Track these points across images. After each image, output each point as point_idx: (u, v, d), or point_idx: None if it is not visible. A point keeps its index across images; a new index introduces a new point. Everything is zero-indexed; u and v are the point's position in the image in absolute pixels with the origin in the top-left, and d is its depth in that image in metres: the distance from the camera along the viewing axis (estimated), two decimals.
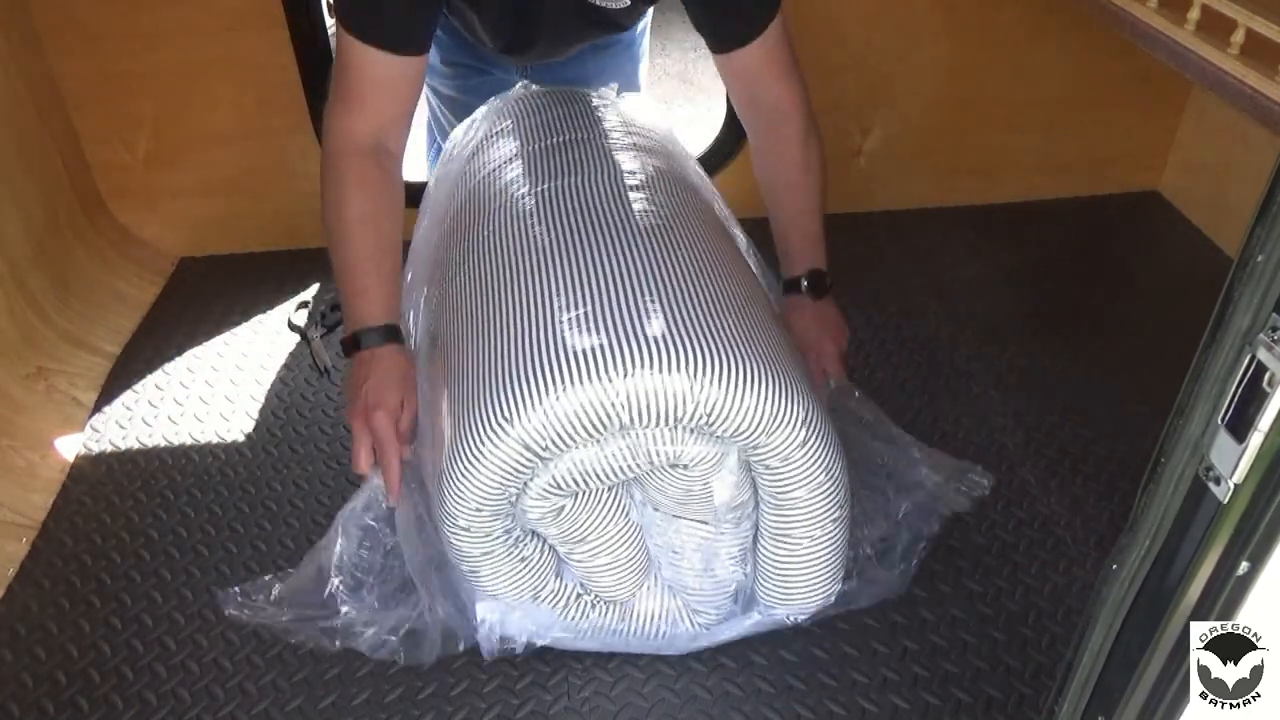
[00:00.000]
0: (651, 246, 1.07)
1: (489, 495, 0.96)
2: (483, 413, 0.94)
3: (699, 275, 1.05)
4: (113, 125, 1.78)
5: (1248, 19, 1.06)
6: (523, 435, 0.92)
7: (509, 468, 0.94)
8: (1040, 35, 1.85)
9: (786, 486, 1.01)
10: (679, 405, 0.93)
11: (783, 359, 1.00)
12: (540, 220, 1.12)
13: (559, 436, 0.93)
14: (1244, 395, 0.56)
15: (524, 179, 1.20)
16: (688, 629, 1.13)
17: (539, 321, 0.99)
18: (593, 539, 1.04)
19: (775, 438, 0.97)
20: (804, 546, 1.06)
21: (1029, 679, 1.13)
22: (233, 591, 1.17)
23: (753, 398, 0.94)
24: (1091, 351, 1.64)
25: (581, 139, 1.26)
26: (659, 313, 0.98)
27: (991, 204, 2.01)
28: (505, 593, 1.06)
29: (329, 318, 1.72)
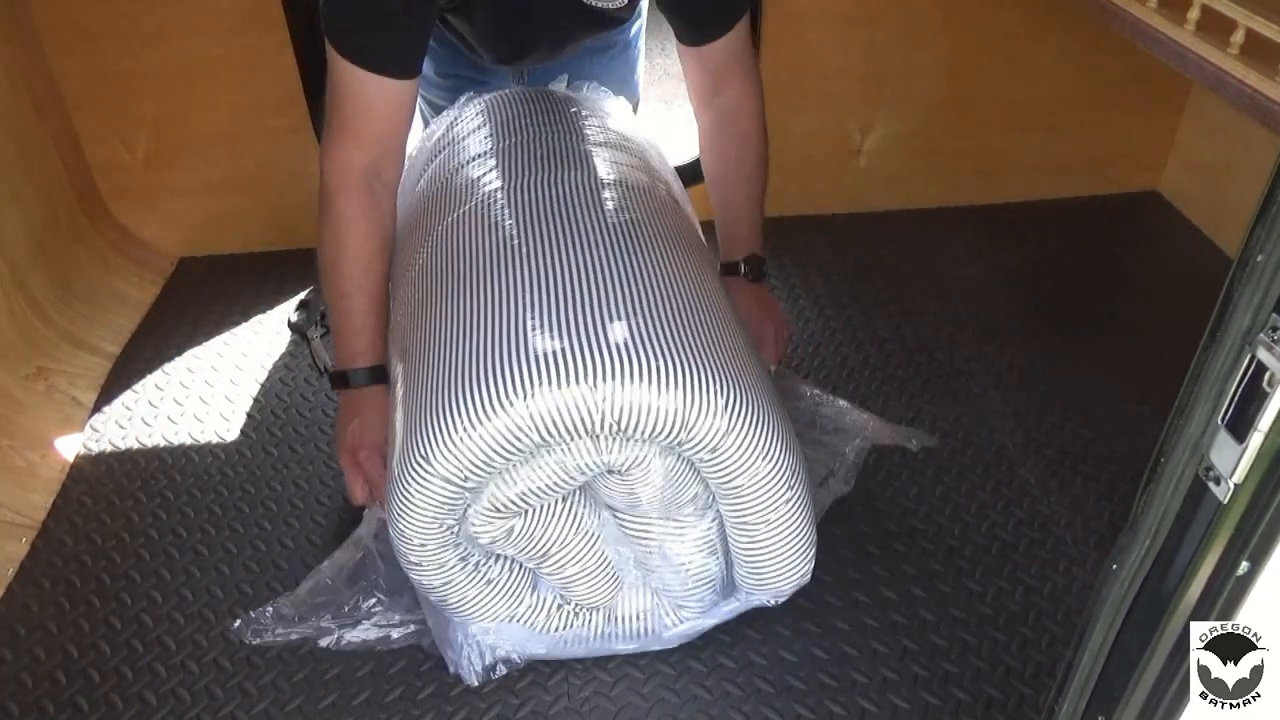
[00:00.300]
0: (557, 256, 1.05)
1: (428, 530, 0.97)
2: (408, 452, 0.95)
3: (613, 275, 1.02)
4: (113, 125, 1.78)
5: (1248, 19, 1.06)
6: (442, 470, 0.92)
7: (436, 502, 0.95)
8: (1040, 35, 1.85)
9: (726, 476, 0.98)
10: (585, 417, 0.92)
11: (705, 345, 0.97)
12: (465, 246, 1.11)
13: (474, 467, 0.93)
14: (1244, 395, 0.56)
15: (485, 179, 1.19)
16: (673, 623, 1.13)
17: (452, 352, 0.98)
18: (554, 553, 1.04)
19: (696, 432, 0.94)
20: (762, 531, 1.03)
21: (1029, 679, 1.13)
22: (251, 617, 1.18)
23: (662, 396, 0.92)
24: (1091, 351, 1.64)
25: (552, 137, 1.25)
26: (555, 326, 0.96)
27: (991, 204, 2.01)
28: (479, 616, 1.06)
29: (329, 318, 1.71)
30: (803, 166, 1.96)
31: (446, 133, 1.36)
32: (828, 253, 1.89)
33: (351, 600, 1.18)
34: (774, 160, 1.92)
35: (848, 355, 1.62)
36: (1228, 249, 1.84)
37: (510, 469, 0.95)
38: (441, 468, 0.92)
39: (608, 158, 1.24)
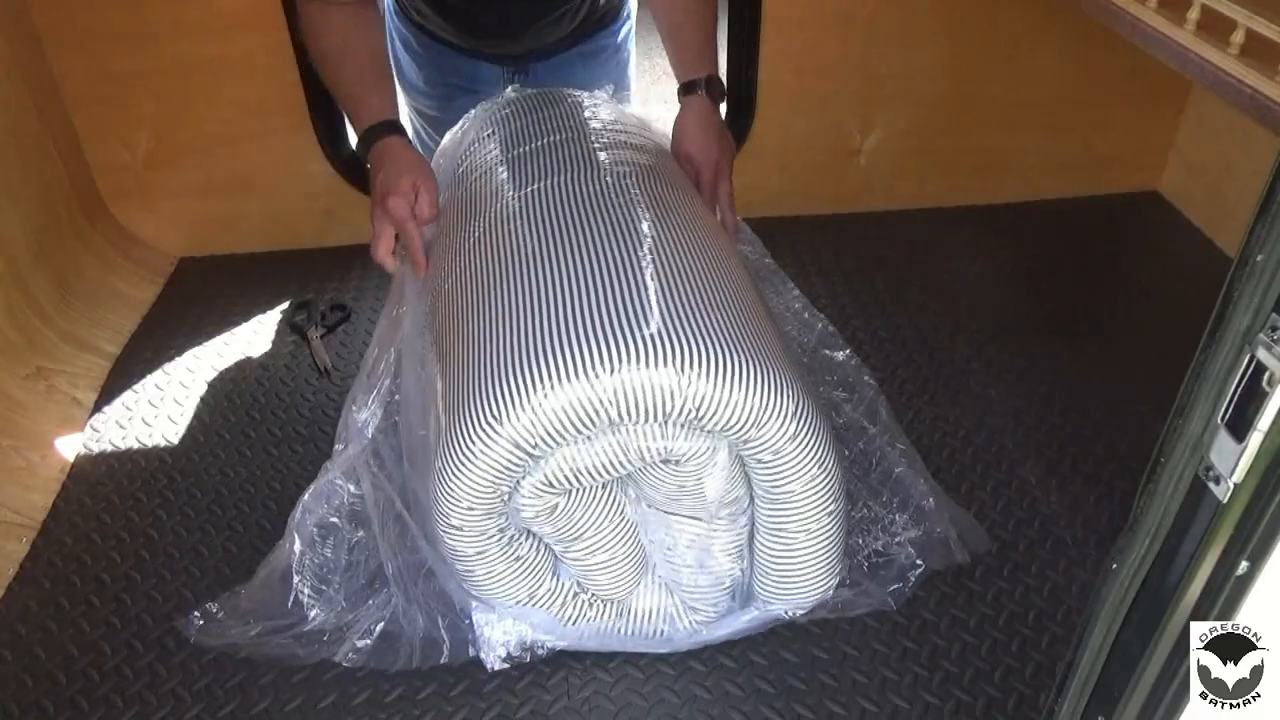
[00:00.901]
0: (636, 243, 1.07)
1: (481, 494, 0.96)
2: (473, 412, 0.94)
3: (687, 270, 1.04)
4: (113, 125, 1.78)
5: (1248, 19, 1.06)
6: (512, 434, 0.92)
7: (500, 466, 0.94)
8: (1040, 35, 1.85)
9: (780, 480, 1.00)
10: (667, 400, 0.93)
11: (772, 352, 1.00)
12: (527, 221, 1.12)
13: (548, 434, 0.93)
14: (1244, 395, 0.56)
15: (510, 181, 1.20)
16: (685, 627, 1.13)
17: (526, 322, 0.99)
18: (588, 536, 1.04)
19: (765, 431, 0.96)
20: (800, 541, 1.05)
21: (1029, 679, 1.13)
22: (193, 616, 1.17)
23: (741, 391, 0.94)
24: (1091, 351, 1.64)
25: (566, 139, 1.26)
26: (646, 308, 0.98)
27: (991, 204, 2.02)
28: (500, 593, 1.06)
29: (329, 318, 1.72)
30: (803, 166, 1.97)
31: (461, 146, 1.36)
32: (828, 253, 1.89)
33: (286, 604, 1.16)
34: (774, 160, 1.94)
35: None
36: (1228, 249, 1.84)
37: (575, 443, 0.95)
38: (513, 430, 0.92)
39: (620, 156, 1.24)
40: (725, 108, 1.90)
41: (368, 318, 1.73)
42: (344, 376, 1.59)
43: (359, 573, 1.18)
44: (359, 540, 1.19)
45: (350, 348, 1.67)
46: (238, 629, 1.15)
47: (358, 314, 1.74)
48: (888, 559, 1.22)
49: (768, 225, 1.56)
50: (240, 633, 1.15)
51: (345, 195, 1.88)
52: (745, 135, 1.90)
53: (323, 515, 1.19)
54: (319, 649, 1.14)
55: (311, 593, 1.16)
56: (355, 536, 1.20)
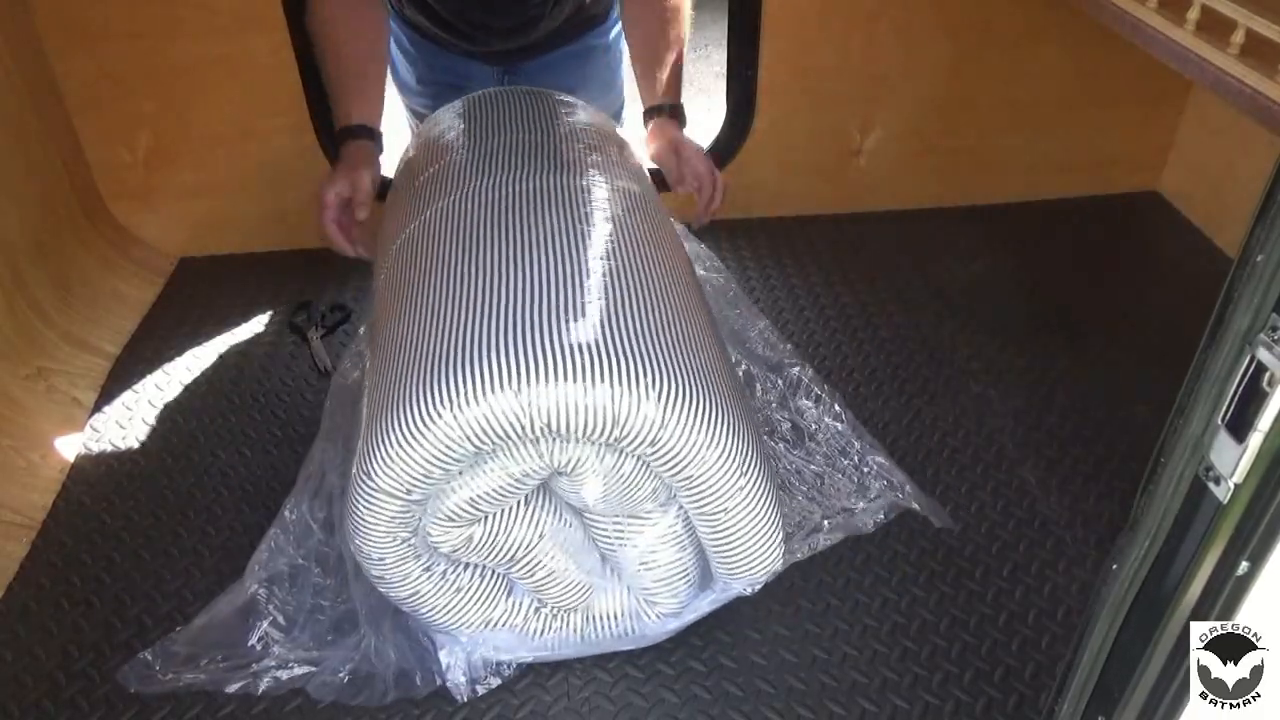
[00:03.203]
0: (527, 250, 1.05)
1: (384, 544, 0.98)
2: (357, 467, 0.95)
3: (563, 278, 1.01)
4: (113, 125, 1.78)
5: (1248, 19, 1.06)
6: (384, 486, 0.93)
7: (387, 516, 0.95)
8: (1040, 35, 1.85)
9: (673, 468, 0.96)
10: (514, 423, 0.91)
11: (638, 342, 0.95)
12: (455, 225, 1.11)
13: (415, 480, 0.93)
14: (1244, 395, 0.56)
15: (456, 178, 1.19)
16: (653, 620, 1.12)
17: (406, 355, 0.98)
18: (520, 557, 1.03)
19: (629, 427, 0.92)
20: (723, 520, 1.01)
21: (1029, 679, 1.13)
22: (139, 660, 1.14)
23: (589, 393, 0.90)
24: (1091, 351, 1.64)
25: (532, 139, 1.25)
26: (487, 338, 0.95)
27: (991, 204, 2.02)
28: (454, 624, 1.06)
29: (329, 318, 1.72)
30: (803, 166, 1.96)
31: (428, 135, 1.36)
32: (828, 253, 1.89)
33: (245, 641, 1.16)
34: (774, 160, 1.94)
35: (848, 355, 1.62)
36: (1228, 249, 1.84)
37: (455, 477, 0.95)
38: (383, 482, 0.93)
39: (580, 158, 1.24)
40: (725, 108, 1.91)
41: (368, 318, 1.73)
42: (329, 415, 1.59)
43: (325, 615, 1.17)
44: (327, 586, 1.19)
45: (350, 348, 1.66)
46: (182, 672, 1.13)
47: (358, 314, 1.74)
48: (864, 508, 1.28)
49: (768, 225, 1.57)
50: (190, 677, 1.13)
51: None
52: (745, 135, 1.90)
53: (291, 557, 1.20)
54: (284, 683, 1.12)
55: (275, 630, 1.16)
56: (323, 582, 1.20)
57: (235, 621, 1.17)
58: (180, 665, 1.14)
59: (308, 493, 1.23)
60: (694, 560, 1.10)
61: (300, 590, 1.18)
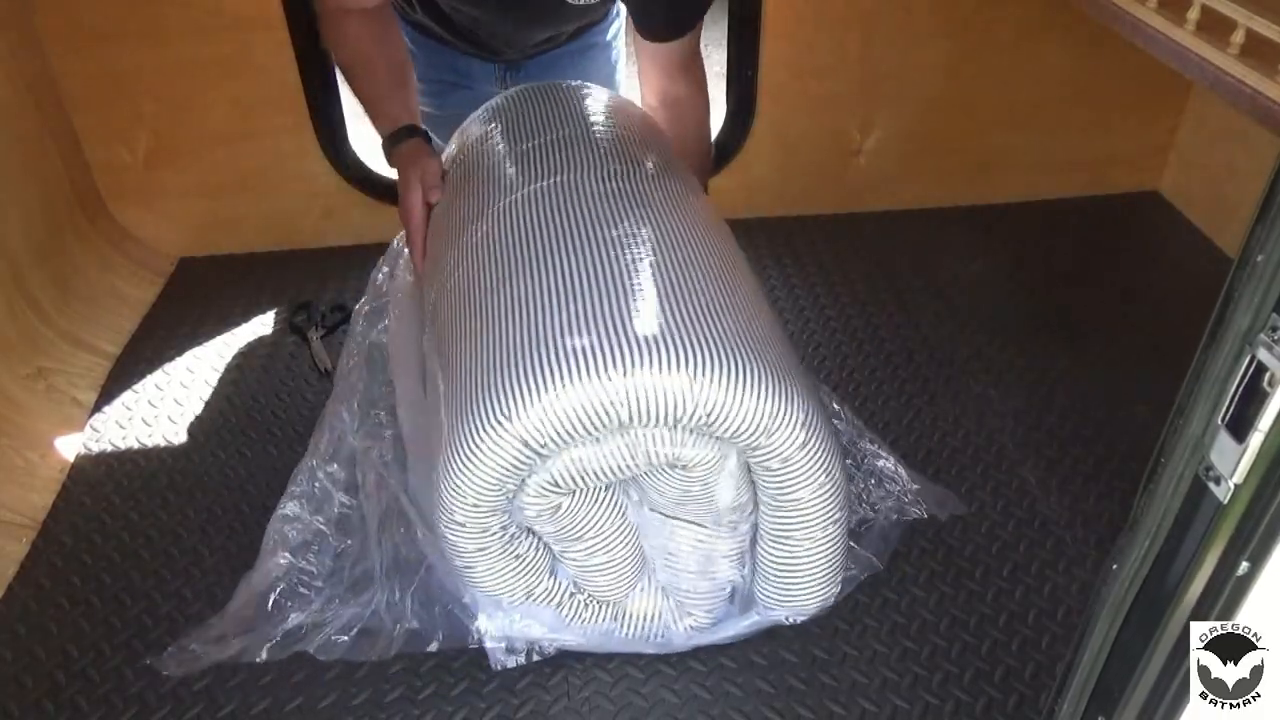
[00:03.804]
0: (646, 243, 1.07)
1: (486, 491, 0.96)
2: (482, 409, 0.94)
3: (696, 272, 1.04)
4: (113, 125, 1.78)
5: (1248, 19, 1.06)
6: (521, 431, 0.92)
7: (507, 464, 0.94)
8: (1040, 35, 1.85)
9: (787, 488, 1.00)
10: (678, 405, 0.93)
11: (782, 359, 1.00)
12: (534, 219, 1.12)
13: (557, 434, 0.93)
14: (1244, 395, 0.56)
15: (515, 179, 1.20)
16: (682, 631, 1.13)
17: (536, 320, 0.99)
18: (589, 537, 1.04)
19: (775, 439, 0.96)
20: (804, 548, 1.05)
21: (1029, 679, 1.13)
22: (170, 651, 1.16)
23: (753, 399, 0.93)
24: (1091, 351, 1.64)
25: (571, 135, 1.26)
26: (657, 311, 0.98)
27: (991, 204, 2.02)
28: (498, 590, 1.06)
29: (329, 318, 1.72)
30: (803, 166, 1.96)
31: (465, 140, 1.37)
32: (828, 253, 1.89)
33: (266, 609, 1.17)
34: (774, 160, 1.94)
35: (848, 355, 1.62)
36: (1228, 249, 1.84)
37: (584, 444, 0.95)
38: (523, 428, 0.92)
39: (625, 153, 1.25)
40: (725, 108, 1.91)
41: None
42: (342, 376, 1.59)
43: (342, 579, 1.18)
44: (345, 548, 1.20)
45: None
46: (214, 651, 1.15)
47: None
48: (868, 525, 1.26)
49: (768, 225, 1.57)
50: (217, 652, 1.15)
51: (345, 195, 1.88)
52: (745, 135, 1.90)
53: (309, 521, 1.20)
54: (293, 645, 1.14)
55: (291, 597, 1.17)
56: (342, 545, 1.21)
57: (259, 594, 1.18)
58: (213, 644, 1.15)
59: (324, 457, 1.24)
60: (743, 580, 1.12)
61: (320, 555, 1.19)
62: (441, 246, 1.22)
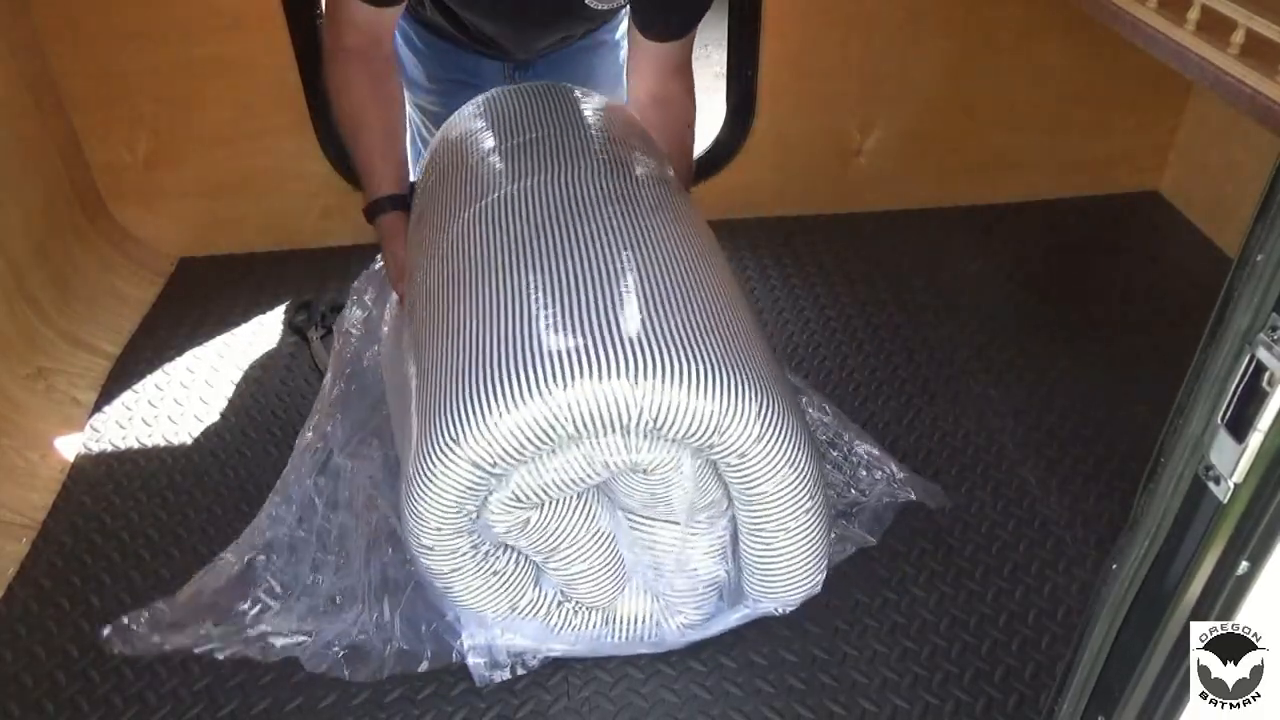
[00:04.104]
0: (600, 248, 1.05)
1: (446, 514, 0.96)
2: (435, 432, 0.94)
3: (654, 273, 1.02)
4: (113, 125, 1.78)
5: (1248, 19, 1.06)
6: (470, 454, 0.92)
7: (461, 486, 0.94)
8: (1040, 35, 1.85)
9: (751, 482, 0.99)
10: (623, 412, 0.92)
11: (740, 354, 0.97)
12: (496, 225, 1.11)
13: (505, 453, 0.92)
14: (1244, 395, 0.56)
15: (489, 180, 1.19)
16: (673, 629, 1.13)
17: (486, 335, 0.97)
18: (564, 548, 1.04)
19: (728, 436, 0.94)
20: (780, 540, 1.03)
21: (1029, 679, 1.13)
22: (120, 623, 1.16)
23: (699, 398, 0.92)
24: (1091, 351, 1.64)
25: (556, 134, 1.25)
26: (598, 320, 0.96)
27: (991, 204, 2.01)
28: (481, 606, 1.06)
29: (329, 318, 1.71)
30: (803, 166, 1.96)
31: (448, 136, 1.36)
32: (828, 253, 1.89)
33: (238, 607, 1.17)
34: (774, 160, 1.94)
35: (848, 355, 1.62)
36: (1228, 249, 1.84)
37: (538, 459, 0.95)
38: (471, 451, 0.92)
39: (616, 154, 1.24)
40: (725, 108, 1.91)
41: None
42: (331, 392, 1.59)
43: (323, 589, 1.18)
44: (327, 561, 1.20)
45: None
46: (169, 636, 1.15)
47: None
48: (860, 508, 1.27)
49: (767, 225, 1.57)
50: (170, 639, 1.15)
51: (345, 195, 1.88)
52: (745, 135, 1.90)
53: (292, 528, 1.20)
54: (276, 651, 1.14)
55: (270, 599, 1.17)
56: (321, 558, 1.21)
57: (228, 588, 1.18)
58: (167, 630, 1.15)
59: (310, 467, 1.23)
60: (729, 575, 1.11)
61: (299, 562, 1.19)
62: (421, 246, 1.22)
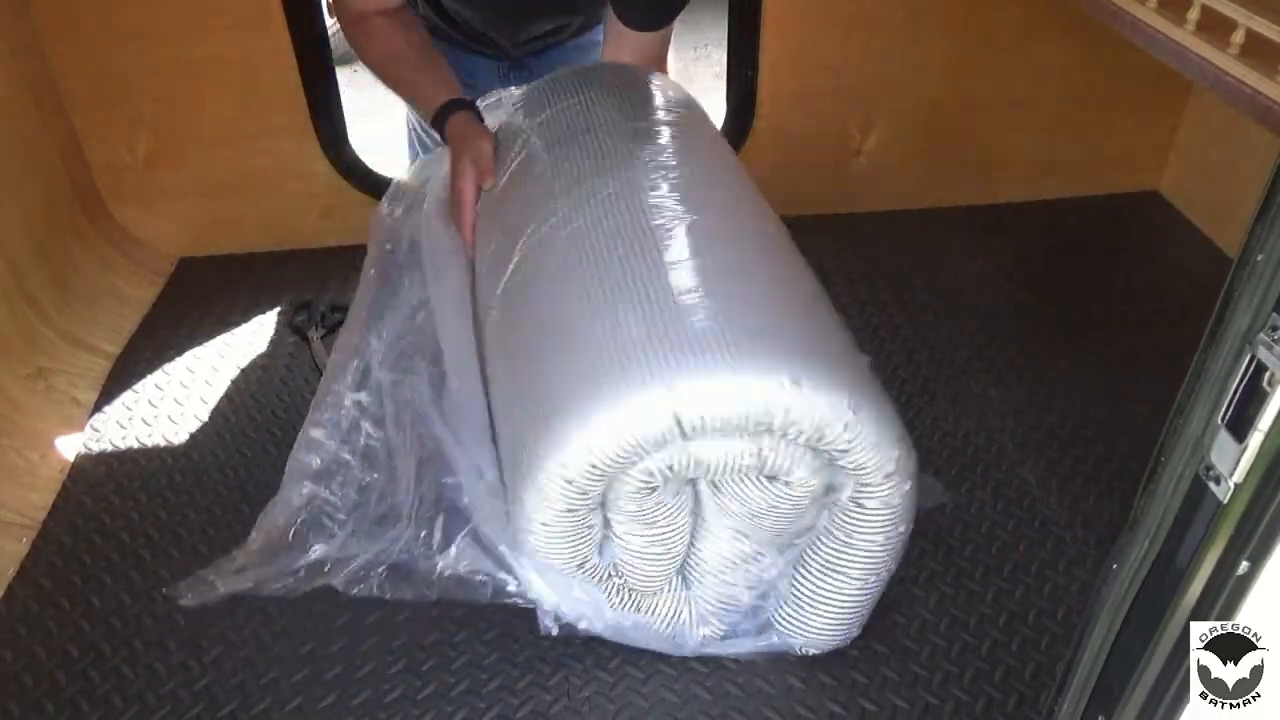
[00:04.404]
0: (722, 246, 1.09)
1: (563, 515, 0.99)
2: (544, 440, 0.95)
3: (789, 294, 1.08)
4: (113, 125, 1.78)
5: (1248, 19, 1.06)
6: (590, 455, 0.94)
7: (577, 490, 0.96)
8: (1040, 35, 1.85)
9: (870, 529, 1.02)
10: (830, 427, 0.94)
11: (871, 380, 1.02)
12: (606, 222, 1.12)
13: (702, 422, 0.93)
14: (1244, 395, 0.56)
15: (580, 174, 1.20)
16: (696, 638, 1.13)
17: (602, 336, 0.99)
18: (661, 524, 1.04)
19: (890, 484, 0.99)
20: (853, 588, 1.07)
21: (1029, 679, 1.13)
22: (188, 580, 1.18)
23: (896, 447, 0.97)
24: (1091, 351, 1.64)
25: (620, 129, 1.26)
26: (810, 329, 1.01)
27: (991, 204, 2.01)
28: (555, 555, 1.05)
29: (329, 318, 1.72)
30: (803, 166, 1.96)
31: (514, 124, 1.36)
32: (827, 253, 1.88)
33: (296, 541, 1.18)
34: (774, 160, 1.94)
35: None
36: (1228, 249, 1.84)
37: (728, 438, 0.96)
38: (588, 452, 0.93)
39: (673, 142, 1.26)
40: (725, 108, 1.91)
41: None
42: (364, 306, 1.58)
43: (367, 513, 1.18)
44: (370, 482, 1.20)
45: None
46: (233, 581, 1.17)
47: None
48: None
49: None
50: (236, 581, 1.17)
51: (345, 195, 1.88)
52: (745, 135, 1.90)
53: (334, 450, 1.20)
54: (316, 579, 1.15)
55: (314, 528, 1.17)
56: (368, 478, 1.20)
57: (285, 525, 1.20)
58: (232, 575, 1.17)
59: (349, 383, 1.24)
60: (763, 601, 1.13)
61: (345, 486, 1.20)
62: (497, 232, 1.22)
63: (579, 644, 1.16)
